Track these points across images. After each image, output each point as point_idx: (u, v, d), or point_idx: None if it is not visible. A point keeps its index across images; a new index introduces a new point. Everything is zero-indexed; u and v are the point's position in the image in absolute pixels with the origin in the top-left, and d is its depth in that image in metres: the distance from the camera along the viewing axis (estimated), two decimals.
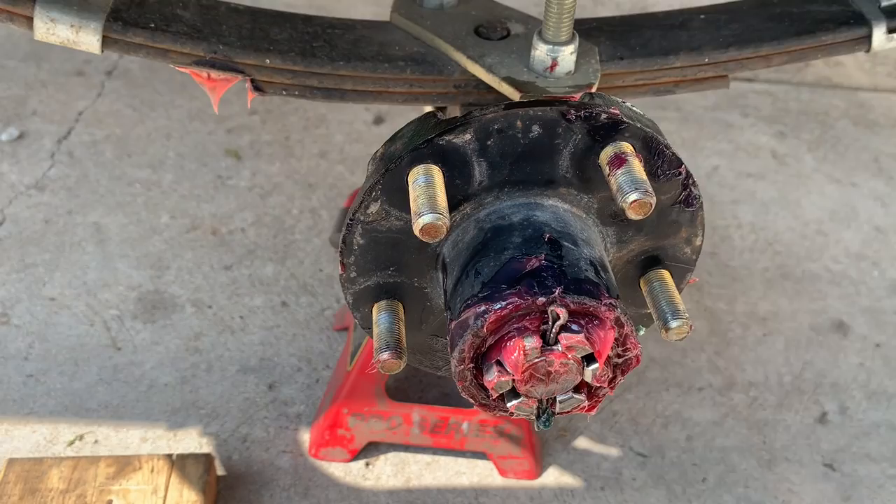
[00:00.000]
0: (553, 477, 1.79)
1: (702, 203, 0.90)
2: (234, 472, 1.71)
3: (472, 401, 0.83)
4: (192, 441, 1.76)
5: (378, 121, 2.72)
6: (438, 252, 0.89)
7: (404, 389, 1.88)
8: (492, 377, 0.78)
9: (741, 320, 2.20)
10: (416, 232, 0.77)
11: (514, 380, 0.78)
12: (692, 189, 0.88)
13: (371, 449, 1.78)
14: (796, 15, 1.09)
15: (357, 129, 2.67)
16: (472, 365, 0.79)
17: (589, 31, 1.09)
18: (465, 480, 1.76)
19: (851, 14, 1.10)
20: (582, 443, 1.86)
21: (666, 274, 0.94)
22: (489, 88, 1.03)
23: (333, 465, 1.75)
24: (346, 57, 1.01)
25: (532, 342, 0.76)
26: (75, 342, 1.93)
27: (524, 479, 1.77)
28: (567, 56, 0.97)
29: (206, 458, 1.61)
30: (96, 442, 1.74)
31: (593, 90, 0.98)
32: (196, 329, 1.99)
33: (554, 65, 0.97)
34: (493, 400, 0.82)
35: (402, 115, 2.74)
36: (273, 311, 2.06)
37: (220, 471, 1.70)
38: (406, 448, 1.79)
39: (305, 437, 1.79)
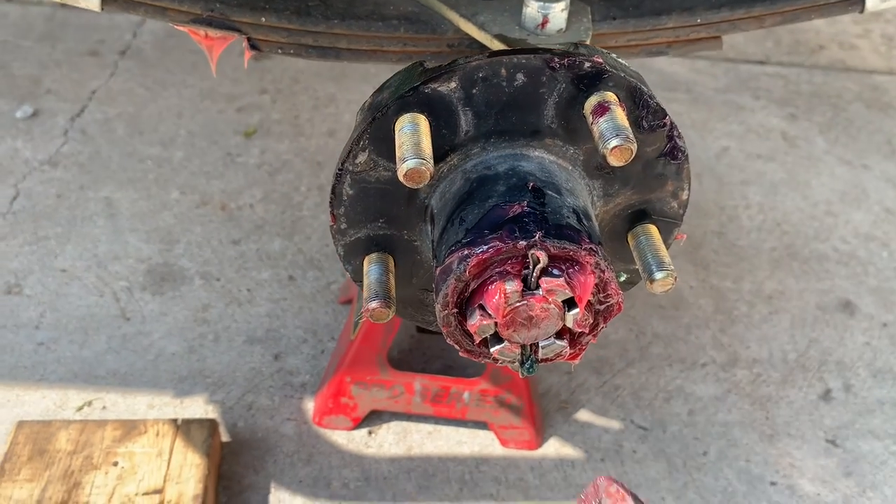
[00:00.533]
0: (554, 448, 1.80)
1: (687, 155, 0.91)
2: (238, 439, 1.74)
3: (457, 346, 0.85)
4: (199, 408, 1.79)
5: None
6: (427, 203, 0.90)
7: (408, 361, 1.90)
8: (475, 321, 0.79)
9: (747, 298, 2.20)
10: (400, 177, 0.78)
11: (496, 323, 0.80)
12: (677, 141, 0.89)
13: (373, 417, 1.80)
14: None
15: None
16: (456, 310, 0.81)
17: None
18: (465, 449, 1.78)
19: None
20: (583, 415, 1.88)
21: (653, 228, 0.94)
22: (483, 47, 1.04)
23: (337, 432, 1.77)
24: (341, 15, 1.03)
25: (513, 285, 0.77)
26: (85, 312, 1.97)
27: (525, 449, 1.78)
28: (558, 13, 0.98)
29: (211, 424, 1.64)
30: (104, 408, 1.77)
31: None
32: (204, 301, 2.02)
33: (545, 21, 0.98)
34: (477, 345, 0.84)
35: None
36: (280, 284, 2.09)
37: (225, 437, 1.73)
38: (408, 417, 1.81)
39: (310, 405, 1.82)
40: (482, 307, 0.79)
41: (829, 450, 1.86)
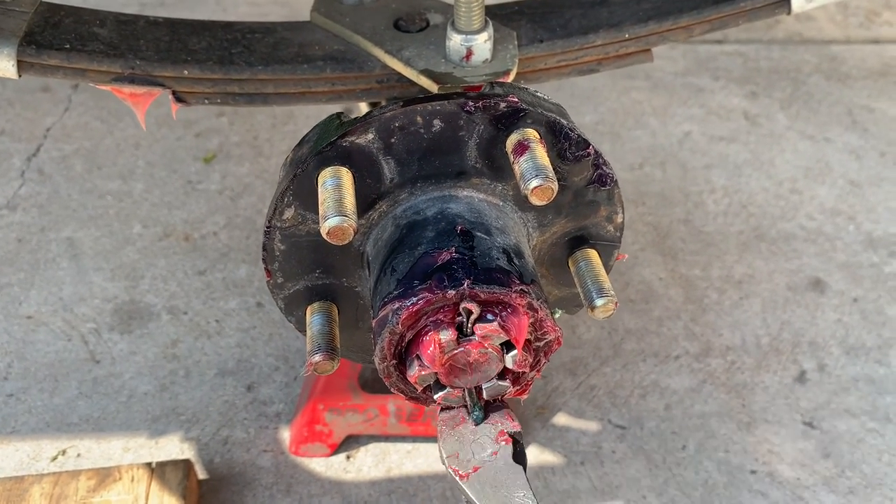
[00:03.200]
0: (533, 455, 1.80)
1: (616, 181, 0.90)
2: (216, 475, 1.73)
3: (402, 395, 0.84)
4: (174, 447, 1.78)
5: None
6: (362, 250, 0.89)
7: (381, 381, 1.89)
8: (413, 372, 0.79)
9: (717, 285, 2.20)
10: (324, 235, 0.77)
11: (436, 372, 0.79)
12: (603, 168, 0.88)
13: (351, 441, 1.80)
14: None
15: None
16: (395, 361, 0.80)
17: (510, 15, 1.09)
18: None
19: None
20: (560, 419, 1.88)
21: (592, 253, 0.94)
22: (412, 82, 1.03)
23: (315, 460, 1.77)
24: (265, 61, 1.02)
25: (448, 335, 0.76)
26: (54, 358, 1.95)
27: None
28: (481, 44, 0.97)
29: (185, 464, 1.63)
30: (79, 455, 1.76)
31: (511, 76, 0.98)
32: (173, 336, 2.01)
33: (469, 54, 0.97)
34: (421, 392, 0.83)
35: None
36: (248, 312, 2.08)
37: (202, 475, 1.72)
38: (386, 438, 1.81)
39: (286, 434, 1.81)
40: (419, 357, 0.78)
41: (806, 432, 1.87)
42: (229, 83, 1.01)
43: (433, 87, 0.96)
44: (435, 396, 0.82)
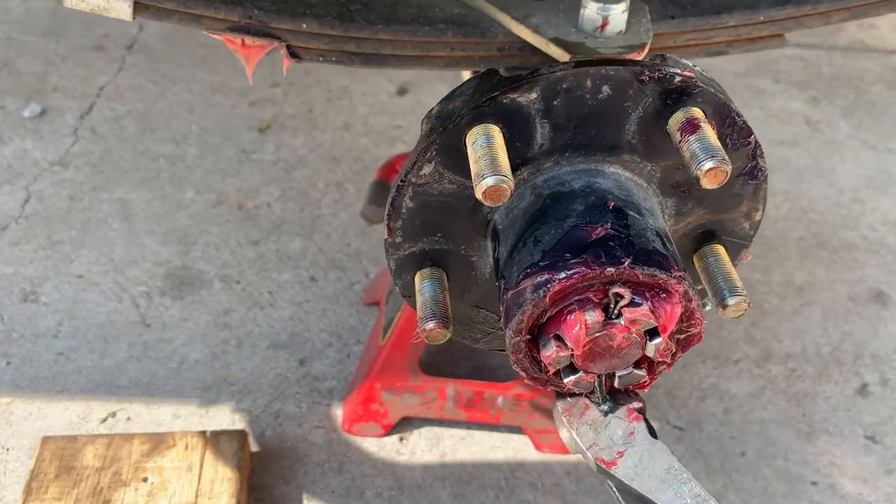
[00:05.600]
0: None
1: (767, 176, 0.86)
2: (267, 448, 1.70)
3: (523, 374, 0.80)
4: (225, 417, 1.74)
5: (402, 91, 2.68)
6: (489, 219, 0.85)
7: (436, 364, 1.85)
8: (550, 352, 0.74)
9: (777, 291, 2.15)
10: (479, 195, 0.73)
11: (573, 355, 0.75)
12: (759, 161, 0.84)
13: (404, 423, 1.76)
14: None
15: (381, 101, 2.63)
16: (528, 337, 0.76)
17: None
18: (500, 455, 1.74)
19: None
20: None
21: (721, 249, 0.90)
22: (535, 51, 0.98)
23: (367, 440, 1.73)
24: (385, 20, 0.97)
25: (594, 316, 0.72)
26: (104, 319, 1.92)
27: (560, 453, 1.74)
28: (619, 14, 0.92)
29: (240, 435, 1.60)
30: (129, 419, 1.73)
31: (645, 52, 0.93)
32: (225, 305, 1.97)
33: (605, 24, 0.92)
34: (549, 375, 0.79)
35: (426, 85, 2.69)
36: (302, 286, 2.04)
37: (253, 447, 1.69)
38: (440, 423, 1.77)
39: (338, 412, 1.77)
40: (558, 337, 0.74)
41: (868, 447, 1.82)
42: (347, 41, 0.97)
43: (564, 57, 0.92)
44: (566, 380, 0.78)
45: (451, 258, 0.89)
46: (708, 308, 0.90)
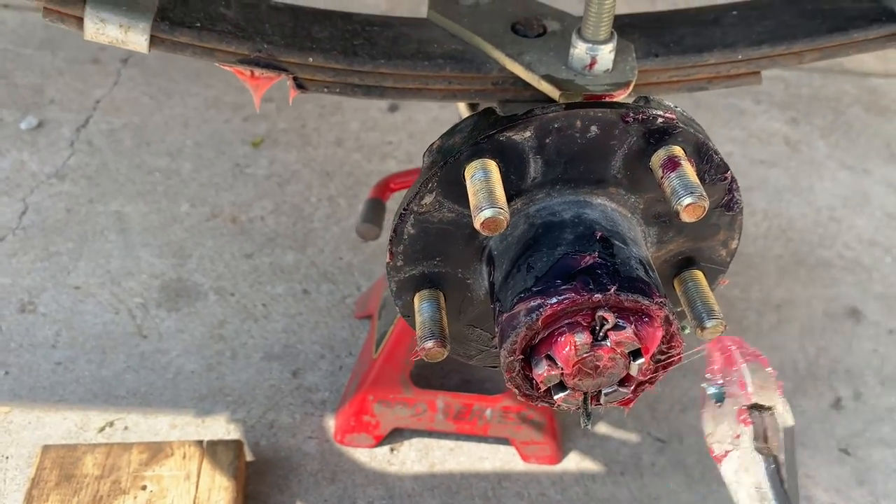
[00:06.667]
0: (574, 462, 1.82)
1: (742, 208, 0.92)
2: (262, 458, 1.74)
3: (516, 391, 0.86)
4: (220, 427, 1.79)
5: (393, 108, 2.74)
6: (485, 245, 0.91)
7: (426, 377, 1.91)
8: (541, 371, 0.80)
9: (756, 307, 2.23)
10: (478, 226, 0.79)
11: (562, 374, 0.81)
12: (735, 194, 0.90)
13: (395, 435, 1.81)
14: (828, 12, 1.11)
15: (372, 117, 2.69)
16: (521, 356, 0.82)
17: (622, 27, 1.10)
18: (487, 465, 1.79)
19: (882, 10, 1.12)
20: (601, 429, 1.90)
21: (700, 274, 0.96)
22: (527, 85, 1.04)
23: (359, 450, 1.78)
24: (387, 55, 1.03)
25: (583, 338, 0.78)
26: (101, 330, 1.96)
27: (546, 464, 1.80)
28: (606, 54, 0.99)
29: (237, 445, 1.64)
30: (126, 428, 1.77)
31: (630, 88, 0.99)
32: (220, 317, 2.02)
33: (593, 63, 0.99)
34: (540, 392, 0.85)
35: (417, 104, 2.75)
36: (295, 298, 2.09)
37: (248, 456, 1.73)
38: (430, 434, 1.82)
39: (330, 423, 1.82)
40: (549, 357, 0.80)
41: (842, 459, 1.89)
42: (350, 74, 1.02)
43: (554, 93, 0.98)
44: (556, 397, 0.84)
45: (449, 280, 0.95)
46: (687, 331, 0.96)
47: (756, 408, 0.84)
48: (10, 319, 1.96)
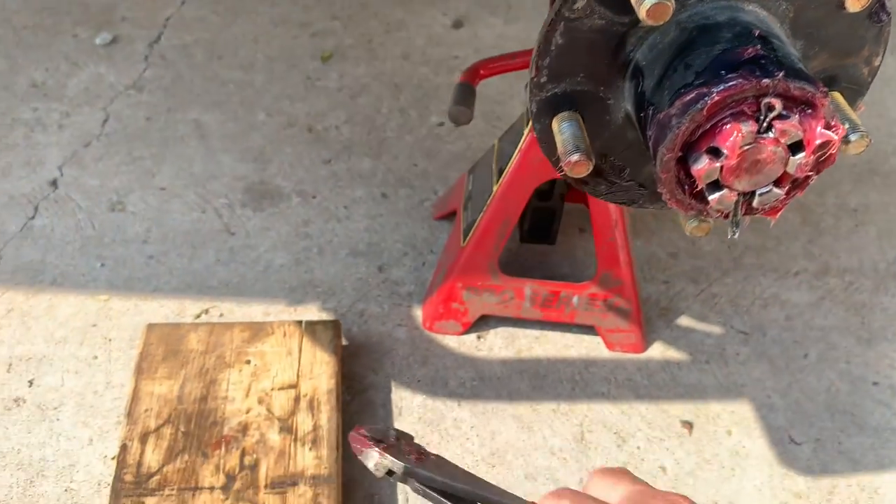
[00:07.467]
0: (659, 351, 1.84)
1: (891, 18, 0.91)
2: (355, 343, 1.78)
3: (668, 195, 0.86)
4: (313, 315, 1.83)
5: (457, 24, 2.73)
6: (631, 59, 0.91)
7: (507, 273, 1.93)
8: (702, 165, 0.81)
9: (832, 212, 2.22)
10: (642, 14, 0.79)
11: (721, 168, 0.82)
12: (885, 2, 0.89)
13: (480, 323, 1.84)
14: None
15: (436, 33, 2.69)
16: (680, 154, 0.83)
17: None
18: (573, 353, 1.82)
19: None
20: (684, 321, 1.91)
21: (838, 95, 0.96)
22: None
23: (447, 337, 1.82)
24: None
25: (749, 126, 0.79)
26: (190, 227, 2.00)
27: (631, 352, 1.82)
28: None
29: (335, 324, 1.68)
30: (221, 315, 1.81)
31: None
32: (304, 217, 2.05)
33: None
34: (694, 192, 0.85)
35: (481, 19, 2.75)
36: (374, 201, 2.12)
37: (342, 341, 1.77)
38: (514, 323, 1.85)
39: (418, 313, 1.86)
40: (710, 150, 0.81)
41: None
42: None
43: None
44: (710, 197, 0.85)
45: (588, 101, 0.95)
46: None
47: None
48: (101, 217, 2.00)
